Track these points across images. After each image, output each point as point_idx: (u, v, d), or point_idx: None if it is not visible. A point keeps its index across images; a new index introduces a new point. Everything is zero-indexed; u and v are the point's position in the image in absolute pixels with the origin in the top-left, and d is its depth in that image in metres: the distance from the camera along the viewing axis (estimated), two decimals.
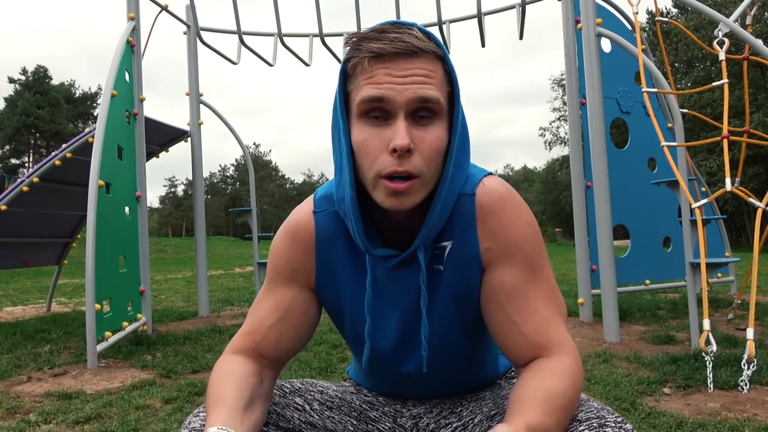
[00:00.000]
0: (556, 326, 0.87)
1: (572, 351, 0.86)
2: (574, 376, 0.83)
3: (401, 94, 0.78)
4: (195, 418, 0.89)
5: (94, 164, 3.67)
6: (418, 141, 0.79)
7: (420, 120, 0.80)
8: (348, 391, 1.11)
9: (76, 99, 51.09)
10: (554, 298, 0.90)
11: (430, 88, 0.78)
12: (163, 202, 76.48)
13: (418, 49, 0.78)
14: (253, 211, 6.18)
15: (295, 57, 6.49)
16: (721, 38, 3.85)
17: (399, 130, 0.77)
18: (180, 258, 24.62)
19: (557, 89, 45.01)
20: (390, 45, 0.78)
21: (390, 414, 1.07)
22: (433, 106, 0.79)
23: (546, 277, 0.90)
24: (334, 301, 0.97)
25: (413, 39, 0.78)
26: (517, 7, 5.86)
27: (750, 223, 24.86)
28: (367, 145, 0.80)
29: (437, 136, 0.80)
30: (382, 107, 0.79)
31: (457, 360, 0.98)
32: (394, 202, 0.80)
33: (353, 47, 0.81)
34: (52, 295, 6.87)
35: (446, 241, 0.89)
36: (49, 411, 2.62)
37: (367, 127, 0.81)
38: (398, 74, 0.78)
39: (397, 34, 0.78)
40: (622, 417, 0.82)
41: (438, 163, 0.82)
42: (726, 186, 3.25)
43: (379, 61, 0.79)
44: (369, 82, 0.79)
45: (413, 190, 0.80)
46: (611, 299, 4.01)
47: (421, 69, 0.79)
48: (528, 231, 0.89)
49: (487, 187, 0.89)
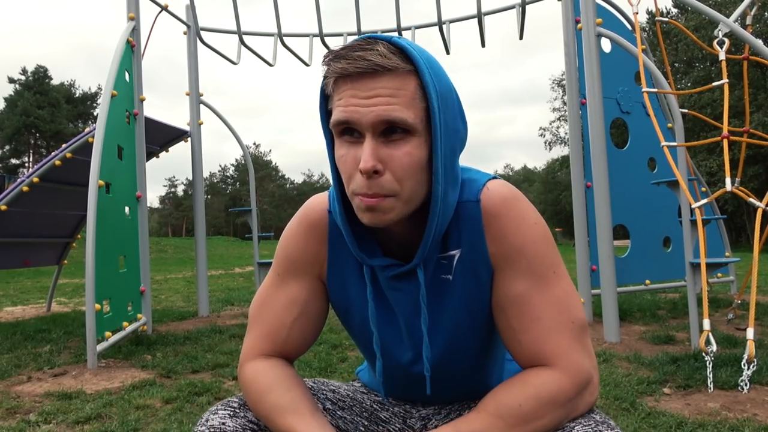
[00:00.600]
0: (558, 337, 0.83)
1: (569, 366, 0.81)
2: (547, 390, 0.79)
3: (365, 116, 0.76)
4: (213, 416, 0.88)
5: (94, 164, 3.67)
6: (387, 160, 0.77)
7: (390, 137, 0.78)
8: (359, 391, 1.11)
9: (76, 99, 51.11)
10: (565, 306, 0.84)
11: (395, 109, 0.76)
12: (163, 202, 76.50)
13: (381, 67, 0.75)
14: (253, 211, 6.18)
15: (295, 57, 6.49)
16: (721, 38, 3.85)
17: (365, 151, 0.76)
18: (180, 258, 24.62)
19: (557, 89, 45.04)
20: (352, 65, 0.75)
21: (400, 415, 1.07)
22: (401, 126, 0.77)
23: (557, 283, 0.85)
24: (342, 297, 0.97)
25: (376, 56, 0.75)
26: (517, 7, 5.86)
27: (750, 223, 24.86)
28: (344, 162, 0.80)
29: (408, 153, 0.78)
30: (351, 128, 0.78)
31: (469, 367, 0.97)
32: (371, 218, 0.79)
33: (326, 66, 0.80)
34: (52, 295, 6.87)
35: (454, 249, 0.88)
36: (49, 411, 2.62)
37: (344, 144, 0.80)
38: (362, 95, 0.76)
39: (362, 52, 0.76)
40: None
41: (417, 180, 0.80)
42: (726, 186, 3.25)
43: (345, 81, 0.77)
44: (338, 103, 0.78)
45: (388, 207, 0.78)
46: (611, 299, 4.01)
47: (386, 88, 0.76)
48: (534, 232, 0.86)
49: (491, 191, 0.87)
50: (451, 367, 0.95)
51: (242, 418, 0.89)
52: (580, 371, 0.81)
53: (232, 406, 0.92)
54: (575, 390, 0.81)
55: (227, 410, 0.90)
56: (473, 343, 0.94)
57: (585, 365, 0.82)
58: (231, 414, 0.90)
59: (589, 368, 0.83)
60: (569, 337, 0.83)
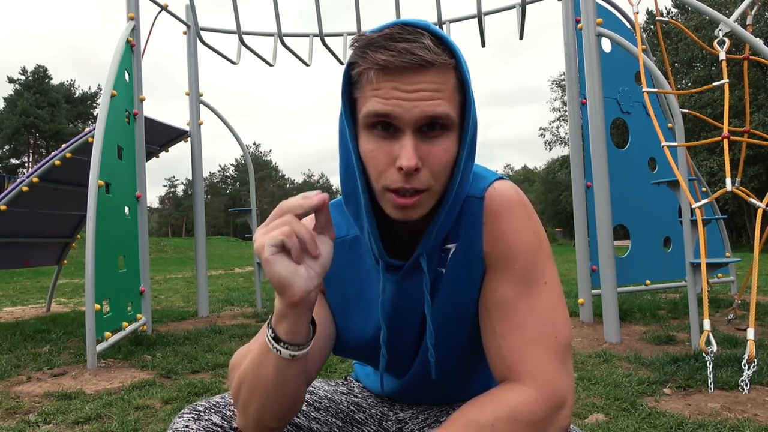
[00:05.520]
0: (537, 351, 0.79)
1: (545, 386, 0.77)
2: (520, 411, 0.74)
3: (409, 111, 0.73)
4: (179, 419, 0.88)
5: (93, 164, 3.67)
6: (426, 156, 0.75)
7: (429, 133, 0.76)
8: (338, 391, 1.11)
9: (75, 99, 51.13)
10: (550, 320, 0.81)
11: (439, 105, 0.73)
12: (163, 202, 76.52)
13: (428, 63, 0.72)
14: (253, 211, 6.17)
15: (295, 57, 6.49)
16: (721, 38, 3.85)
17: (406, 148, 0.73)
18: (180, 258, 24.62)
19: (557, 89, 45.05)
20: (398, 58, 0.71)
21: (376, 417, 1.07)
22: (443, 121, 0.75)
23: (547, 295, 0.82)
24: (339, 298, 0.95)
25: (423, 51, 0.72)
26: (517, 7, 5.86)
27: (750, 223, 24.86)
28: (374, 157, 0.77)
29: (446, 149, 0.76)
30: (388, 122, 0.75)
31: (456, 365, 0.97)
32: (401, 214, 0.78)
33: (359, 54, 0.75)
34: (52, 295, 6.87)
35: (451, 243, 0.87)
36: (49, 411, 2.62)
37: (374, 138, 0.77)
38: (406, 89, 0.73)
39: (406, 45, 0.72)
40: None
41: (447, 175, 0.79)
42: (726, 186, 3.24)
43: (385, 73, 0.73)
44: (375, 94, 0.74)
45: (421, 203, 0.77)
46: (611, 299, 4.00)
47: (431, 83, 0.73)
48: (532, 240, 0.84)
49: (497, 191, 0.86)
50: (440, 363, 0.94)
51: (206, 421, 0.89)
52: (555, 392, 0.77)
53: (197, 410, 0.91)
54: (548, 412, 0.76)
55: (192, 414, 0.90)
56: (459, 341, 0.93)
57: (562, 385, 0.78)
58: (195, 417, 0.89)
59: (566, 389, 0.78)
60: (550, 353, 0.79)
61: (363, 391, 1.14)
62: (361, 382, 1.17)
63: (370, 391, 1.14)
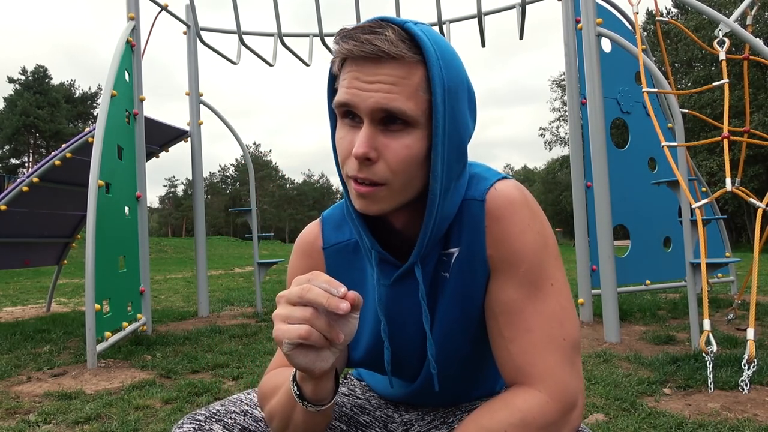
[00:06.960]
0: (546, 354, 0.78)
1: (555, 388, 0.76)
2: (533, 416, 0.74)
3: (365, 101, 0.73)
4: (178, 430, 0.87)
5: (94, 164, 3.67)
6: (382, 149, 0.74)
7: (389, 126, 0.75)
8: (340, 392, 1.09)
9: (75, 99, 51.13)
10: (559, 321, 0.80)
11: (394, 99, 0.73)
12: (163, 202, 76.53)
13: (386, 54, 0.72)
14: (253, 211, 6.17)
15: (294, 57, 6.49)
16: (721, 38, 3.85)
17: (360, 136, 0.74)
18: (180, 258, 24.61)
19: (557, 89, 45.05)
20: (358, 47, 0.72)
21: (381, 419, 1.05)
22: (399, 116, 0.74)
23: (554, 296, 0.81)
24: None
25: (383, 42, 0.72)
26: (517, 7, 5.86)
27: (750, 223, 24.86)
28: (340, 145, 0.78)
29: (406, 146, 0.75)
30: (352, 111, 0.76)
31: (461, 368, 0.95)
32: (362, 205, 0.78)
33: (334, 45, 0.77)
34: (52, 295, 6.87)
35: (454, 247, 0.86)
36: (49, 411, 2.62)
37: (344, 127, 0.78)
38: (365, 79, 0.74)
39: (370, 36, 0.72)
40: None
41: (412, 173, 0.77)
42: (726, 186, 3.25)
43: (350, 63, 0.75)
44: (341, 84, 0.77)
45: (379, 196, 0.77)
46: (611, 299, 4.01)
47: (389, 76, 0.73)
48: (536, 241, 0.82)
49: (498, 192, 0.84)
50: (444, 367, 0.93)
51: (207, 431, 0.88)
52: (566, 393, 0.77)
53: (197, 419, 0.90)
54: (560, 414, 0.76)
55: (192, 424, 0.89)
56: (464, 345, 0.91)
57: (572, 387, 0.77)
58: (196, 428, 0.88)
59: (576, 391, 0.78)
60: (559, 355, 0.78)
61: (366, 391, 1.12)
62: (363, 380, 1.16)
63: (373, 391, 1.13)
